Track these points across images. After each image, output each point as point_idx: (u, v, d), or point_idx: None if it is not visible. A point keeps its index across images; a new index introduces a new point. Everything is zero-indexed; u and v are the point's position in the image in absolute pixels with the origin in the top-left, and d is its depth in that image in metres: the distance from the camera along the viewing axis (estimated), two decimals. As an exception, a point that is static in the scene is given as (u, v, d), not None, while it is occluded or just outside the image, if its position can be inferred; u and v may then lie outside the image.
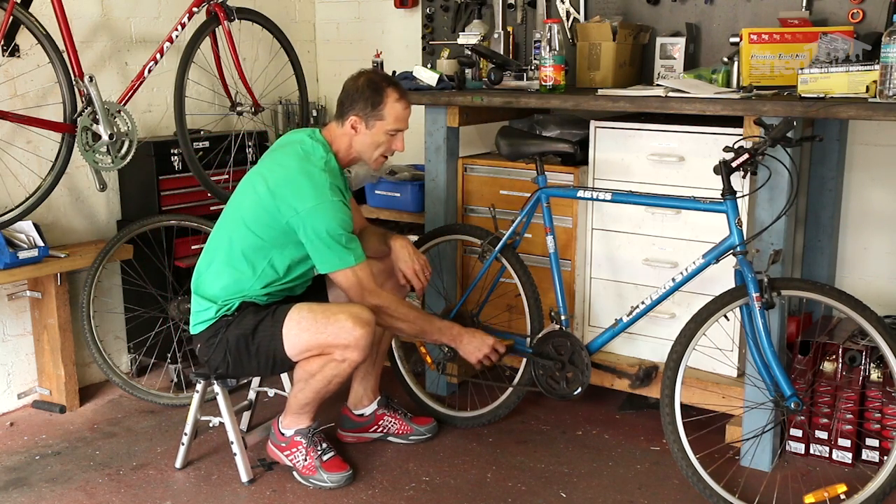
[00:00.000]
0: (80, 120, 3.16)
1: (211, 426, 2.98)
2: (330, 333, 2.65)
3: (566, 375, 2.97)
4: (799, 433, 2.97)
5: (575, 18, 3.64)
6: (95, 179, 3.29)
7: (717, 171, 2.58)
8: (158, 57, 3.37)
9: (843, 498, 2.56)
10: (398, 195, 3.68)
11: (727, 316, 2.67)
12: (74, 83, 3.16)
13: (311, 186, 2.66)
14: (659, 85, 2.99)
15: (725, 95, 2.79)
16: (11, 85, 3.30)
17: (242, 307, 2.74)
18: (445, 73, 3.37)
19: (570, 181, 3.22)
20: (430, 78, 3.30)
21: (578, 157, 3.15)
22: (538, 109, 3.62)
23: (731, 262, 2.64)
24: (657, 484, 2.83)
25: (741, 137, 2.68)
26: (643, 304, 2.83)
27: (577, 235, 3.23)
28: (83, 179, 3.58)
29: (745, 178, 2.71)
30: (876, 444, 2.87)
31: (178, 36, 3.40)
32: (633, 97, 2.92)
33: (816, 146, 3.27)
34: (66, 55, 3.15)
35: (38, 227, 3.26)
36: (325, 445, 2.87)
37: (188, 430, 2.94)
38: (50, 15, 3.13)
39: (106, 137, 3.21)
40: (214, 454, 3.05)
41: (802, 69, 2.69)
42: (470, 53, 3.38)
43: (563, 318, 3.00)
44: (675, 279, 2.75)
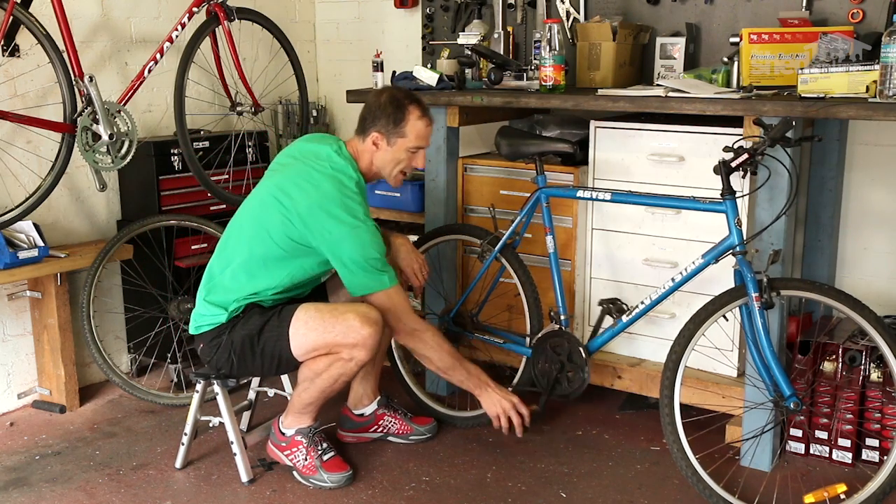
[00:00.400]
0: (80, 120, 3.16)
1: (211, 426, 2.98)
2: (338, 332, 2.65)
3: (566, 375, 2.97)
4: (799, 433, 2.97)
5: (575, 18, 3.64)
6: (95, 179, 3.29)
7: (716, 171, 2.58)
8: (158, 57, 3.37)
9: (843, 498, 2.56)
10: (398, 195, 3.68)
11: (727, 316, 2.67)
12: (74, 83, 3.16)
13: (346, 212, 2.64)
14: (659, 85, 2.99)
15: (725, 95, 2.79)
16: (11, 85, 3.30)
17: (248, 308, 2.74)
18: (445, 73, 3.38)
19: (569, 181, 3.22)
20: (430, 78, 3.30)
21: (578, 157, 3.16)
22: (538, 109, 3.62)
23: (730, 262, 2.64)
24: (657, 484, 2.83)
25: (741, 137, 2.68)
26: (643, 303, 2.83)
27: (576, 235, 3.23)
28: (83, 179, 3.58)
29: (744, 178, 2.71)
30: (876, 444, 2.87)
31: (178, 36, 3.40)
32: (633, 97, 2.92)
33: (816, 146, 3.27)
34: (66, 55, 3.15)
35: (38, 227, 3.26)
36: (325, 445, 2.87)
37: (188, 430, 2.94)
38: (50, 15, 3.13)
39: (106, 137, 3.21)
40: (214, 454, 3.05)
41: (802, 69, 2.69)
42: (470, 53, 3.38)
43: (562, 317, 3.00)
44: (674, 279, 2.75)
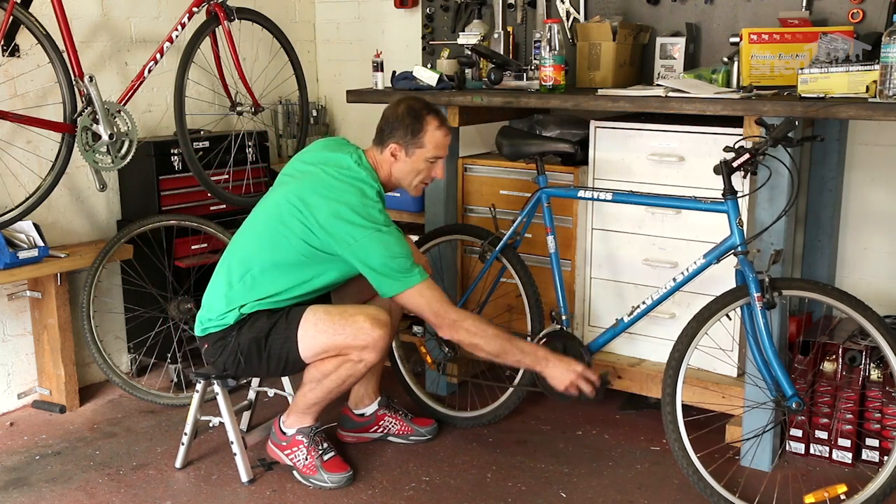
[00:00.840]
0: (80, 120, 3.16)
1: (211, 426, 2.98)
2: (348, 335, 2.65)
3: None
4: (799, 433, 2.97)
5: (575, 18, 3.64)
6: (95, 179, 3.29)
7: (717, 171, 2.58)
8: (158, 57, 3.37)
9: (843, 498, 2.56)
10: (398, 195, 3.67)
11: (728, 315, 2.67)
12: (74, 83, 3.16)
13: (367, 220, 2.62)
14: (659, 85, 2.99)
15: (725, 95, 2.79)
16: (11, 85, 3.30)
17: (255, 310, 2.74)
18: (445, 73, 3.37)
19: (570, 181, 3.22)
20: (430, 78, 3.30)
21: (578, 157, 3.16)
22: (538, 109, 3.62)
23: (731, 262, 2.64)
24: (657, 484, 2.83)
25: (742, 137, 2.68)
26: (644, 304, 2.82)
27: (577, 235, 3.23)
28: (83, 179, 3.58)
29: (745, 178, 2.71)
30: (876, 444, 2.87)
31: (178, 36, 3.40)
32: (633, 97, 2.92)
33: (816, 146, 3.27)
34: (66, 55, 3.15)
35: (38, 227, 3.26)
36: (325, 445, 2.86)
37: (188, 430, 2.94)
38: (50, 15, 3.13)
39: (106, 137, 3.21)
40: (214, 454, 3.05)
41: (802, 69, 2.69)
42: (470, 53, 3.38)
43: (563, 318, 3.00)
44: (675, 279, 2.75)
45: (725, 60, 3.12)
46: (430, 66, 3.56)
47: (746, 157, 2.54)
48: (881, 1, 3.07)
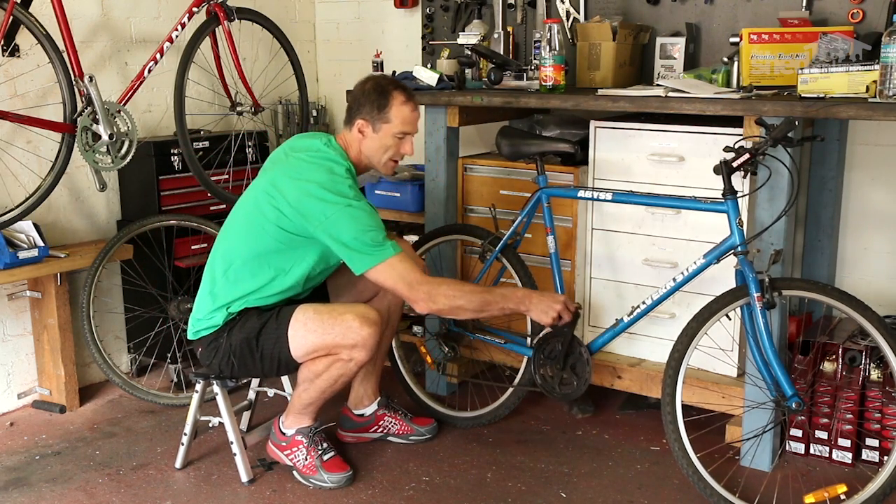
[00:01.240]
0: (80, 120, 3.16)
1: (211, 426, 2.98)
2: (337, 334, 2.65)
3: (566, 375, 2.96)
4: (799, 433, 2.97)
5: (575, 18, 3.64)
6: (95, 179, 3.29)
7: (717, 171, 2.57)
8: (158, 57, 3.37)
9: (843, 498, 2.56)
10: (398, 195, 3.68)
11: (728, 315, 2.67)
12: (74, 83, 3.16)
13: (337, 195, 2.62)
14: (659, 85, 2.99)
15: (725, 95, 2.79)
16: (11, 85, 3.30)
17: (245, 310, 2.73)
18: (445, 73, 3.37)
19: (570, 181, 3.22)
20: (430, 78, 3.30)
21: (578, 157, 3.15)
22: (538, 109, 3.62)
23: (731, 262, 2.64)
24: (657, 484, 2.83)
25: (742, 137, 2.68)
26: (644, 304, 2.82)
27: (577, 235, 3.23)
28: (83, 179, 3.58)
29: (745, 178, 2.71)
30: (876, 444, 2.87)
31: (178, 36, 3.40)
32: (633, 97, 2.92)
33: (816, 146, 3.27)
34: (66, 55, 3.15)
35: (38, 227, 3.26)
36: (325, 445, 2.87)
37: (188, 430, 2.94)
38: (50, 15, 3.13)
39: (106, 137, 3.21)
40: (214, 454, 3.05)
41: (802, 69, 2.69)
42: (470, 53, 3.38)
43: (563, 317, 3.00)
44: (675, 279, 2.75)
45: (725, 60, 3.12)
46: (430, 66, 3.56)
47: (746, 157, 2.54)
48: (881, 1, 3.07)
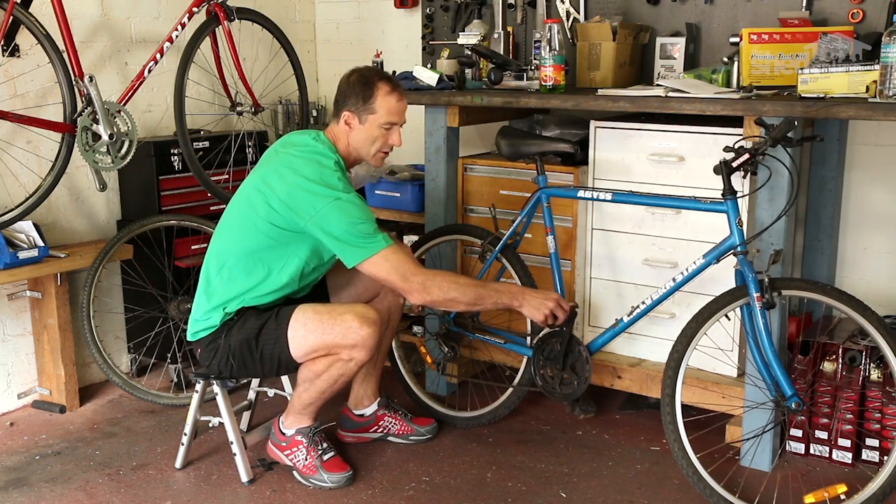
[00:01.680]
0: (80, 120, 3.16)
1: (211, 426, 2.98)
2: (336, 334, 2.64)
3: (566, 375, 2.96)
4: (799, 433, 2.97)
5: (575, 18, 3.64)
6: (95, 179, 3.29)
7: (717, 171, 2.57)
8: (158, 57, 3.37)
9: (843, 498, 2.56)
10: (398, 195, 3.68)
11: (728, 315, 2.67)
12: (74, 83, 3.16)
13: (325, 187, 2.62)
14: (659, 85, 2.99)
15: (725, 95, 2.79)
16: (11, 85, 3.30)
17: (243, 310, 2.73)
18: (445, 73, 3.38)
19: (570, 181, 3.22)
20: (430, 78, 3.30)
21: (578, 157, 3.15)
22: (538, 109, 3.62)
23: (731, 262, 2.64)
24: (657, 484, 2.83)
25: (742, 137, 2.68)
26: (644, 304, 2.82)
27: (577, 235, 3.23)
28: (83, 179, 3.58)
29: (745, 178, 2.71)
30: (876, 444, 2.87)
31: (178, 36, 3.40)
32: (633, 97, 2.92)
33: (816, 146, 3.27)
34: (66, 55, 3.15)
35: (38, 227, 3.26)
36: (325, 445, 2.87)
37: (188, 430, 2.94)
38: (50, 15, 3.13)
39: (106, 137, 3.21)
40: (214, 454, 3.05)
41: (802, 69, 2.69)
42: (470, 53, 3.38)
43: (563, 317, 3.00)
44: (675, 279, 2.75)
45: (725, 60, 3.12)
46: (430, 66, 3.56)
47: (746, 157, 2.53)
48: (881, 1, 3.07)
